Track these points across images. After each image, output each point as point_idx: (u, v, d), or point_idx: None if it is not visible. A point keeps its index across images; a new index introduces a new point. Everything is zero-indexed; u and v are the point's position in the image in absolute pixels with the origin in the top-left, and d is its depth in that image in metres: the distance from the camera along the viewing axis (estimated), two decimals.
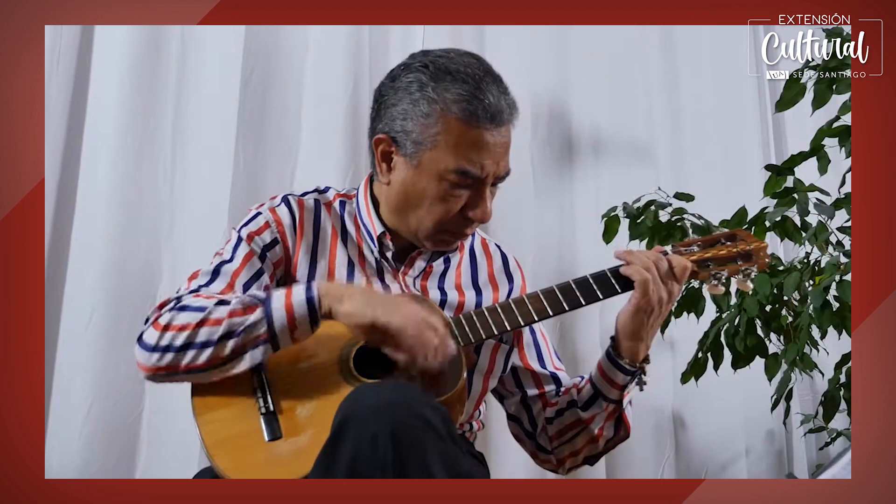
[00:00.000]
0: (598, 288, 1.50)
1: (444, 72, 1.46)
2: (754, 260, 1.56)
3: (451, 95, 1.45)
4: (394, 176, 1.52)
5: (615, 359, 1.52)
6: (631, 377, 1.53)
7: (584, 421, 1.57)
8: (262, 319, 1.37)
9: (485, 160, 1.46)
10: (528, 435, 1.66)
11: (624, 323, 1.50)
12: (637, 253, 1.52)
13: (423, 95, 1.46)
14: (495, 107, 1.45)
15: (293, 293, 1.39)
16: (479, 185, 1.48)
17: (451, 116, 1.45)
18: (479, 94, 1.45)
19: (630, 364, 1.52)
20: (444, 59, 1.49)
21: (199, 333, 1.37)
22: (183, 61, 2.51)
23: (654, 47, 3.02)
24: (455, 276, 1.62)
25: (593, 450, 1.60)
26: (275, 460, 1.34)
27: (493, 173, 1.49)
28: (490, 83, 1.47)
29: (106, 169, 2.40)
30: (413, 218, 1.52)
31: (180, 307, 1.41)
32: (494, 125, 1.46)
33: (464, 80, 1.45)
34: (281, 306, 1.38)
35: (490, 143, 1.46)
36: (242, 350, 1.38)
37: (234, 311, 1.38)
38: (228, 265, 1.50)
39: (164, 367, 1.39)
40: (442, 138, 1.45)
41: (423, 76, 1.47)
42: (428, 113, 1.46)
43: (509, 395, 1.67)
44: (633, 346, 1.51)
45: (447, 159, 1.46)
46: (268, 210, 1.55)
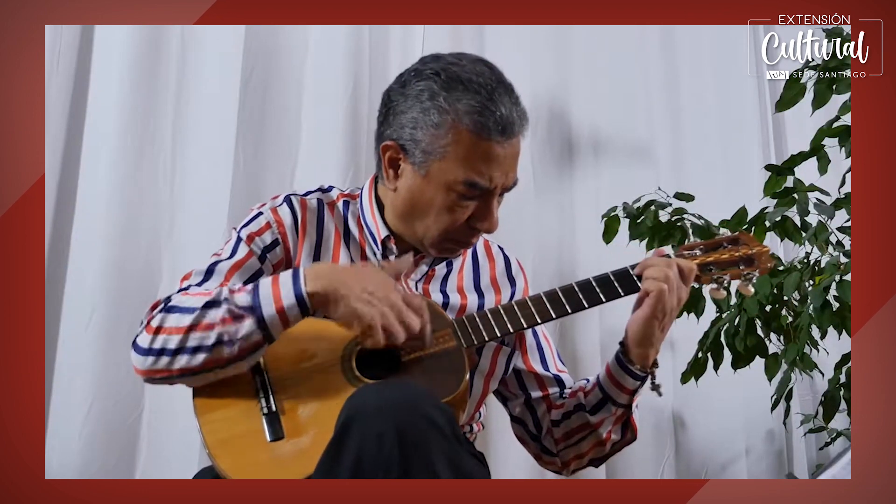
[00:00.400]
0: (600, 290, 1.49)
1: (457, 81, 1.44)
2: (756, 264, 1.55)
3: (463, 106, 1.43)
4: (401, 183, 1.50)
5: (625, 364, 1.51)
6: (640, 382, 1.52)
7: (592, 425, 1.56)
8: (255, 329, 1.35)
9: (494, 172, 1.45)
10: (532, 437, 1.65)
11: (635, 330, 1.49)
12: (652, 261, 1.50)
13: (434, 105, 1.44)
14: (507, 119, 1.43)
15: (282, 294, 1.36)
16: (486, 196, 1.47)
17: (462, 128, 1.43)
18: (492, 105, 1.42)
19: (640, 369, 1.51)
20: (456, 66, 1.46)
21: (190, 338, 1.36)
22: (183, 61, 2.51)
23: (654, 47, 3.02)
24: (458, 279, 1.61)
25: (599, 452, 1.60)
26: (277, 461, 1.34)
27: (502, 185, 1.47)
28: (502, 93, 1.45)
29: (106, 169, 2.40)
30: (419, 226, 1.50)
31: (168, 308, 1.39)
32: (505, 137, 1.44)
33: (476, 91, 1.43)
34: (273, 313, 1.35)
35: (500, 155, 1.44)
36: (240, 356, 1.36)
37: (225, 319, 1.35)
38: (224, 263, 1.49)
39: (158, 370, 1.38)
40: (452, 149, 1.44)
41: (434, 84, 1.45)
42: (438, 123, 1.44)
43: (513, 397, 1.66)
44: (644, 352, 1.50)
45: (456, 171, 1.44)
46: (269, 210, 1.54)
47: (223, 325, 1.35)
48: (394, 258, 1.55)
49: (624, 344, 1.52)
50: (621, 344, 1.52)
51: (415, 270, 1.57)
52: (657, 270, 1.47)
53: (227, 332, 1.35)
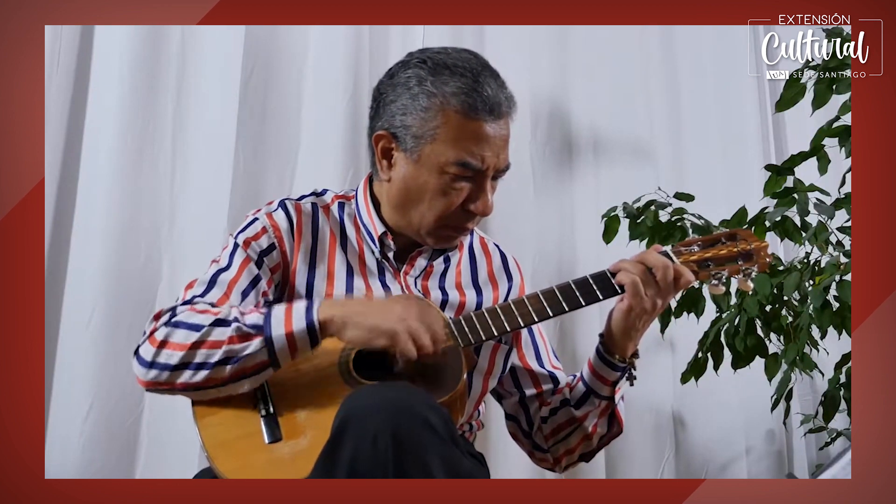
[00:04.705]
0: (597, 288, 1.49)
1: (443, 66, 1.48)
2: (755, 259, 1.55)
3: (450, 88, 1.46)
4: (394, 172, 1.52)
5: (605, 356, 1.53)
6: (621, 373, 1.53)
7: (577, 419, 1.58)
8: (262, 349, 1.36)
9: (485, 152, 1.47)
10: (525, 434, 1.66)
11: (615, 321, 1.51)
12: (628, 260, 1.51)
13: (422, 90, 1.47)
14: (494, 99, 1.46)
15: (293, 319, 1.37)
16: (479, 178, 1.49)
17: (450, 109, 1.46)
18: (478, 86, 1.46)
19: (620, 360, 1.53)
20: (441, 55, 1.50)
21: (196, 355, 1.36)
22: (183, 61, 2.51)
23: (654, 47, 3.01)
24: (455, 274, 1.62)
25: (588, 447, 1.61)
26: (275, 462, 1.34)
27: (494, 166, 1.49)
28: (488, 76, 1.48)
29: (106, 169, 2.40)
30: (415, 213, 1.52)
31: (175, 323, 1.39)
32: (493, 117, 1.47)
33: (462, 74, 1.47)
34: (282, 335, 1.36)
35: (490, 134, 1.47)
36: (242, 375, 1.37)
37: (233, 338, 1.36)
38: (225, 273, 1.49)
39: (160, 382, 1.38)
40: (442, 131, 1.46)
41: (421, 71, 1.48)
42: (427, 107, 1.47)
43: (508, 395, 1.68)
44: (623, 344, 1.52)
45: (447, 152, 1.46)
46: (264, 215, 1.55)
47: (229, 343, 1.36)
48: (392, 255, 1.56)
49: (604, 336, 1.54)
50: (601, 335, 1.54)
51: (413, 267, 1.58)
52: (630, 264, 1.49)
53: (233, 351, 1.35)
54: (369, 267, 1.56)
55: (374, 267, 1.57)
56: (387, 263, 1.57)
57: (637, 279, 1.46)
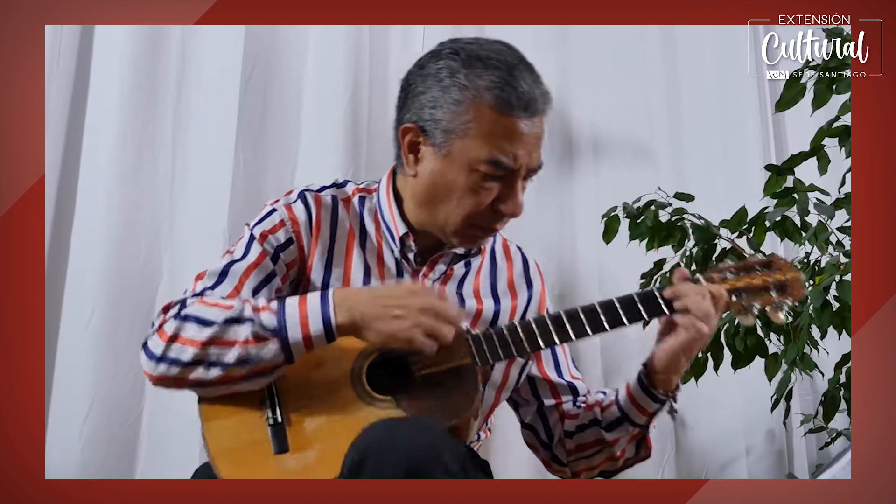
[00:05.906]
0: (623, 313, 1.44)
1: (476, 58, 1.40)
2: (789, 292, 1.49)
3: (484, 82, 1.39)
4: (421, 167, 1.45)
5: (648, 388, 1.48)
6: (661, 405, 1.49)
7: (607, 442, 1.53)
8: (279, 353, 1.32)
9: (518, 150, 1.40)
10: (543, 445, 1.62)
11: (662, 359, 1.45)
12: (687, 290, 1.44)
13: (454, 82, 1.40)
14: (529, 95, 1.40)
15: (310, 321, 1.33)
16: (510, 178, 1.42)
17: (483, 103, 1.39)
18: (513, 80, 1.39)
19: (663, 393, 1.48)
20: (474, 45, 1.43)
21: (209, 353, 1.32)
22: (183, 61, 2.51)
23: (654, 47, 3.02)
24: (474, 281, 1.56)
25: (612, 466, 1.57)
26: (280, 475, 1.31)
27: (526, 165, 1.43)
28: (523, 70, 1.42)
29: (106, 169, 2.40)
30: (442, 211, 1.45)
31: (185, 316, 1.35)
32: (528, 114, 1.40)
33: (496, 67, 1.40)
34: (299, 338, 1.33)
35: (524, 132, 1.40)
36: (257, 374, 1.33)
37: (248, 340, 1.32)
38: (238, 265, 1.44)
39: (170, 377, 1.35)
40: (474, 126, 1.39)
41: (453, 63, 1.41)
42: (459, 100, 1.39)
43: (525, 403, 1.63)
44: (668, 378, 1.47)
45: (479, 149, 1.39)
46: (283, 207, 1.48)
47: (245, 345, 1.32)
48: (412, 256, 1.51)
49: (648, 367, 1.48)
50: (645, 366, 1.49)
51: (433, 270, 1.53)
52: (695, 304, 1.42)
53: (248, 352, 1.32)
54: (387, 266, 1.50)
55: (392, 266, 1.51)
56: (406, 264, 1.51)
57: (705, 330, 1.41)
